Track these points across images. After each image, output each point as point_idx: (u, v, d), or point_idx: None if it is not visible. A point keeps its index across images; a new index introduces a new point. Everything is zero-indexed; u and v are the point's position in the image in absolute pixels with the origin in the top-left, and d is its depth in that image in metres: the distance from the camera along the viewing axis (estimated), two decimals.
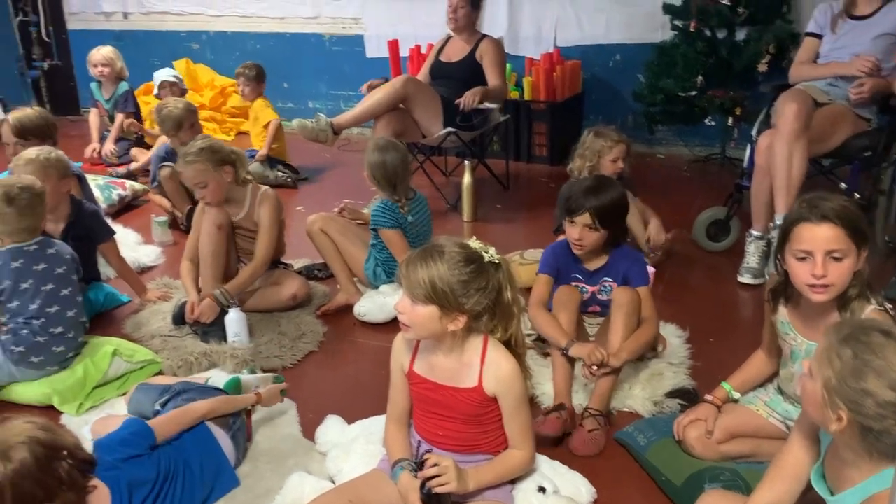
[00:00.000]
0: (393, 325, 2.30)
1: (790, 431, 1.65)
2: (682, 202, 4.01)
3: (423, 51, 5.05)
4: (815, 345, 1.52)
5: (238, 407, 2.12)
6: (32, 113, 3.48)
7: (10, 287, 2.42)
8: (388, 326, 2.85)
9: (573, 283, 2.48)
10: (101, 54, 5.04)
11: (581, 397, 2.33)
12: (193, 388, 2.16)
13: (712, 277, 3.30)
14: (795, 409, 1.90)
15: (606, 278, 2.47)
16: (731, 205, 3.44)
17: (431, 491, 1.68)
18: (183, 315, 2.83)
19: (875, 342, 1.29)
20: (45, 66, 6.60)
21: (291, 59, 6.06)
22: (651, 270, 2.80)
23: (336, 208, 3.37)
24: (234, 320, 2.74)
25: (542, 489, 1.84)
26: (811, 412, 1.40)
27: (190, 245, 2.98)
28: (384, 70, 5.16)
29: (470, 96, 4.04)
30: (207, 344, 2.73)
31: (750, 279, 3.16)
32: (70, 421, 2.34)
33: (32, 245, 2.47)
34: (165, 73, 5.12)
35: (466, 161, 4.11)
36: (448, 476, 1.68)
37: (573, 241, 2.40)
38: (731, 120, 4.51)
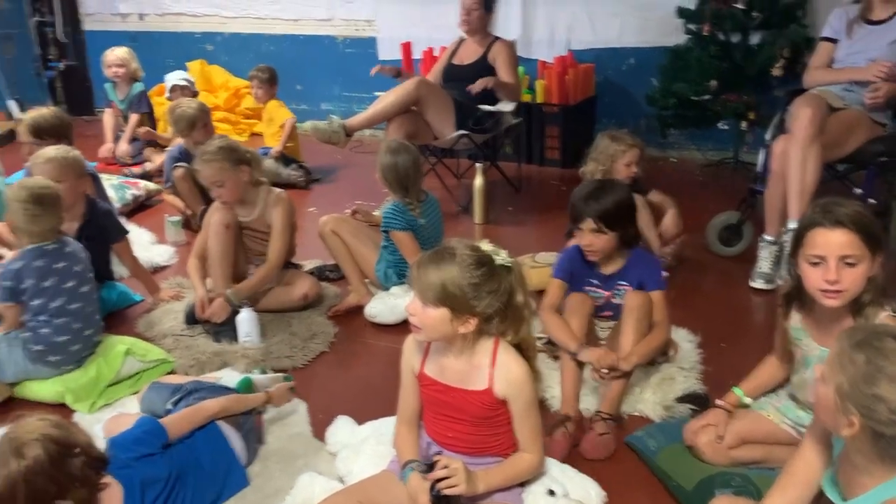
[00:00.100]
0: (403, 327, 2.31)
1: (802, 437, 1.64)
2: (694, 206, 3.97)
3: (436, 53, 5.05)
4: (827, 351, 1.51)
5: (249, 406, 2.13)
6: (48, 113, 3.50)
7: (33, 285, 2.44)
8: (398, 328, 2.85)
9: (587, 289, 2.47)
10: (115, 55, 5.07)
11: (591, 401, 2.32)
12: (205, 387, 2.18)
13: (724, 282, 3.28)
14: (807, 415, 1.89)
15: (622, 282, 2.45)
16: (744, 209, 3.43)
17: (441, 493, 1.68)
18: (195, 314, 2.85)
19: (888, 348, 1.28)
20: (61, 66, 6.64)
21: (305, 60, 6.08)
22: (663, 275, 2.78)
23: (348, 210, 3.38)
24: (246, 320, 2.75)
25: (551, 492, 1.83)
26: (823, 417, 1.40)
27: (199, 243, 3.01)
28: None
29: (482, 81, 4.02)
30: (219, 343, 2.75)
31: (762, 284, 3.15)
32: (82, 419, 2.35)
33: (51, 244, 2.50)
34: (175, 77, 5.15)
35: (478, 164, 4.11)
36: (458, 478, 1.68)
37: (585, 248, 2.40)
38: (744, 124, 4.48)
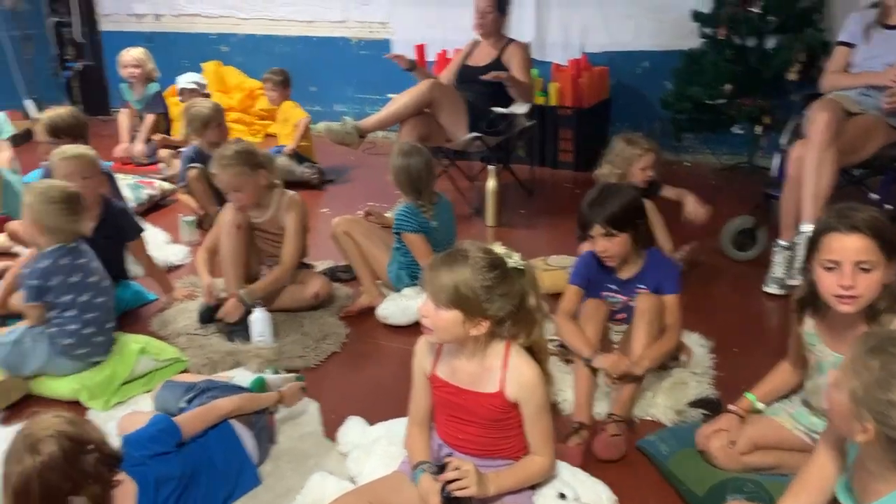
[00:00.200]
0: (415, 328, 2.31)
1: (815, 443, 1.63)
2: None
3: (450, 56, 5.05)
4: (841, 357, 1.50)
5: (262, 405, 2.14)
6: (65, 112, 3.53)
7: (61, 282, 2.47)
8: (410, 329, 2.86)
9: (605, 294, 2.47)
10: (131, 55, 5.10)
11: (603, 406, 2.32)
12: (218, 386, 2.19)
13: (738, 287, 3.27)
14: (821, 422, 1.88)
15: (640, 286, 2.44)
16: (759, 214, 3.41)
17: (451, 495, 1.68)
18: (209, 314, 2.87)
19: None
20: (78, 66, 6.70)
21: (319, 62, 6.10)
22: None
23: (361, 211, 3.39)
24: (259, 320, 2.76)
25: (562, 495, 1.83)
26: (837, 423, 1.39)
27: (210, 237, 3.04)
28: (410, 75, 5.16)
29: (495, 73, 4.01)
30: (233, 343, 2.77)
31: (776, 289, 3.13)
32: (96, 416, 2.37)
33: (72, 242, 2.54)
34: (185, 80, 5.18)
35: (491, 166, 4.10)
36: (468, 480, 1.69)
37: (601, 255, 2.39)
38: (759, 129, 4.46)
